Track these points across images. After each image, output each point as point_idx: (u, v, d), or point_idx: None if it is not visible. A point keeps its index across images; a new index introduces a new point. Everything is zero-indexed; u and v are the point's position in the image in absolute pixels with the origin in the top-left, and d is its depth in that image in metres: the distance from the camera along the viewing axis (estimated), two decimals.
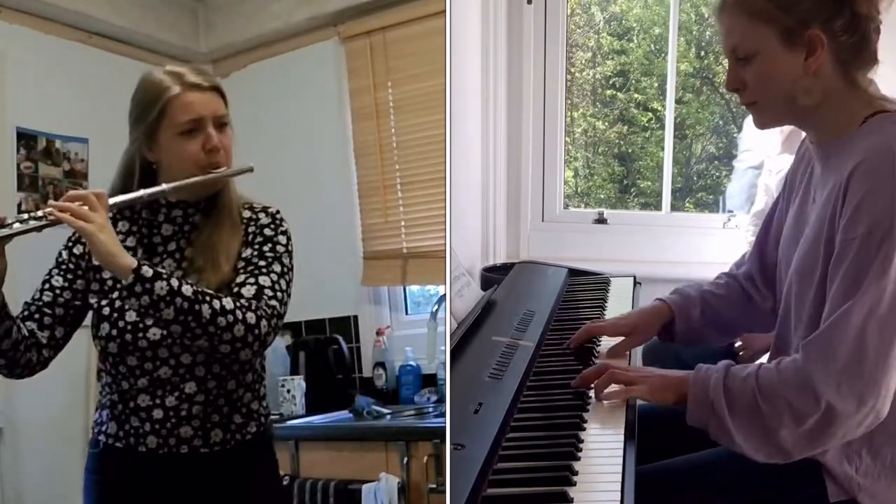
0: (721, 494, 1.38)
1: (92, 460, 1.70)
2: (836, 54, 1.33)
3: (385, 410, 3.05)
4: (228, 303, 1.53)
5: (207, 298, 1.51)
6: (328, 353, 3.43)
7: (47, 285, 1.69)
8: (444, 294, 2.47)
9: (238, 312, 1.53)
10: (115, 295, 1.64)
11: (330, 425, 3.02)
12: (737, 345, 2.21)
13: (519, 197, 3.46)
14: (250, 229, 1.68)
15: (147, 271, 1.48)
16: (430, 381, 3.26)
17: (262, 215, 1.70)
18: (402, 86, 3.45)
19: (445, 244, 1.92)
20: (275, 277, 1.62)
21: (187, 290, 1.50)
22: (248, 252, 1.65)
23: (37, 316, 1.66)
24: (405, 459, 2.65)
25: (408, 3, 3.39)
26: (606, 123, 4.39)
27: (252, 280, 1.60)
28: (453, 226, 2.46)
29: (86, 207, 1.49)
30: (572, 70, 4.01)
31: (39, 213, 1.50)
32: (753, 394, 1.26)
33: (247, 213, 1.70)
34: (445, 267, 1.75)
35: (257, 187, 1.79)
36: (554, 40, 3.48)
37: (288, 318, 1.67)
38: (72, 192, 1.52)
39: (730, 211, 3.51)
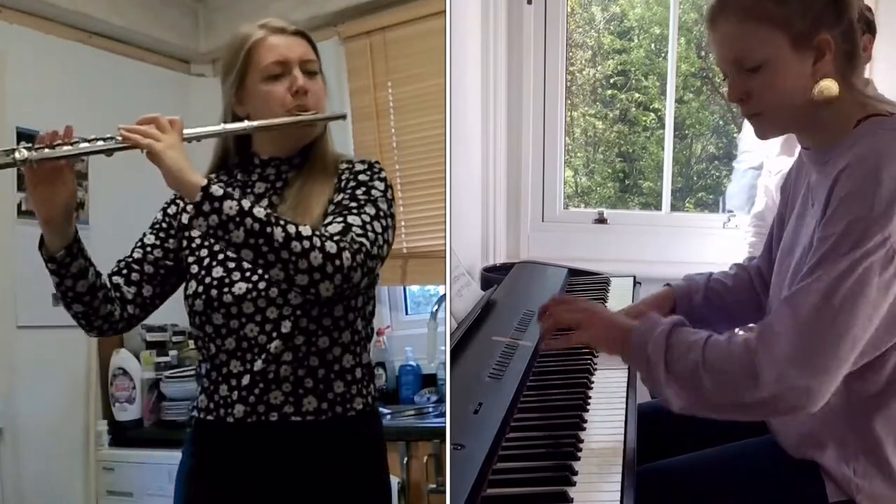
0: (721, 494, 1.38)
1: (188, 439, 1.62)
2: (836, 60, 1.32)
3: (385, 410, 3.05)
4: (306, 230, 1.42)
5: (282, 222, 1.41)
6: None
7: (139, 243, 1.65)
8: (444, 294, 2.47)
9: (316, 240, 1.41)
10: (203, 252, 1.59)
11: None
12: None
13: (519, 197, 3.45)
14: (344, 177, 1.59)
15: (217, 190, 1.40)
16: (430, 381, 3.26)
17: (357, 164, 1.61)
18: (402, 86, 3.45)
19: (445, 244, 1.92)
20: (367, 218, 1.50)
21: (259, 211, 1.40)
22: (339, 197, 1.55)
23: (125, 271, 1.62)
24: (405, 459, 2.65)
25: (408, 3, 3.39)
26: (606, 123, 4.39)
27: (340, 219, 1.49)
28: (453, 226, 2.46)
29: (155, 128, 1.44)
30: (572, 70, 4.01)
31: (107, 136, 1.44)
32: (696, 362, 1.25)
33: (343, 166, 1.62)
34: (445, 267, 1.75)
35: None
36: (554, 40, 3.47)
37: None
38: (144, 116, 1.47)
39: (730, 211, 3.50)
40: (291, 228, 1.41)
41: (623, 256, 3.34)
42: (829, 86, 1.31)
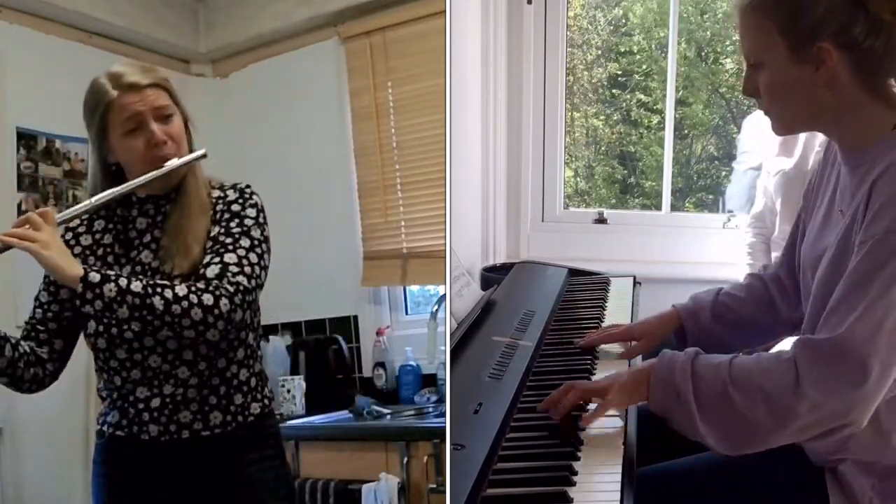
0: (721, 497, 1.38)
1: (98, 451, 1.73)
2: (857, 63, 1.28)
3: (385, 410, 3.05)
4: (182, 289, 1.55)
5: (158, 290, 1.53)
6: (328, 353, 3.43)
7: (37, 302, 1.73)
8: (444, 294, 2.47)
9: (193, 297, 1.54)
10: None
11: (330, 425, 3.02)
12: None
13: (519, 197, 3.45)
14: (218, 207, 1.70)
15: (94, 277, 1.51)
16: (430, 381, 3.26)
17: (230, 192, 1.72)
18: (402, 86, 3.45)
19: (445, 244, 1.92)
20: (242, 252, 1.62)
21: (136, 286, 1.52)
22: (215, 230, 1.66)
23: (32, 334, 1.70)
24: (405, 459, 2.65)
25: (408, 3, 3.39)
26: (607, 123, 4.39)
27: (217, 259, 1.61)
28: (453, 226, 2.46)
29: (30, 229, 1.53)
30: (573, 70, 4.01)
31: None
32: (724, 383, 1.21)
33: (216, 193, 1.72)
34: (445, 267, 1.75)
35: (257, 187, 1.78)
36: (554, 40, 3.47)
37: (288, 318, 1.67)
38: (20, 218, 1.57)
39: (730, 211, 3.50)
40: (168, 293, 1.53)
41: (623, 256, 3.34)
42: (827, 98, 1.29)
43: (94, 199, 1.64)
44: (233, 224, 1.66)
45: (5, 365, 1.60)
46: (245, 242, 1.64)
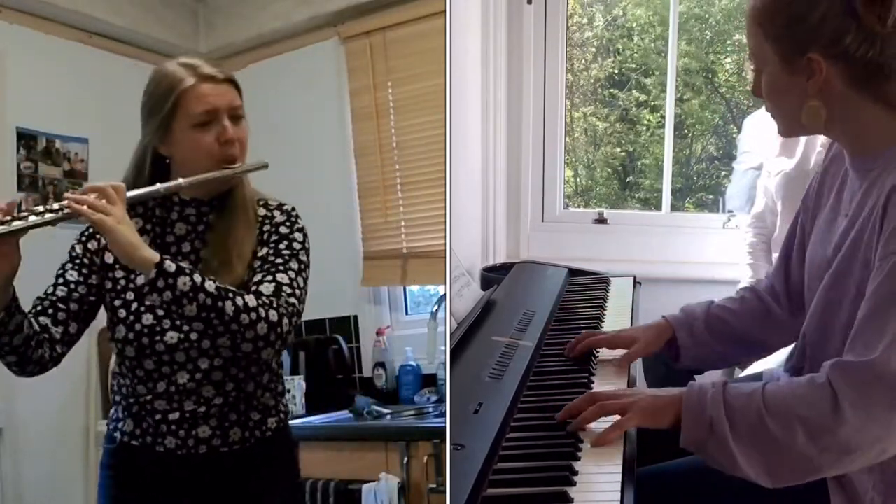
0: (721, 497, 1.38)
1: (107, 456, 1.68)
2: (851, 73, 1.27)
3: (385, 410, 3.05)
4: (251, 300, 1.50)
5: (230, 295, 1.48)
6: (328, 353, 3.43)
7: (61, 280, 1.63)
8: (444, 294, 2.47)
9: (261, 310, 1.50)
10: (130, 296, 1.61)
11: (330, 425, 3.02)
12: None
13: (519, 197, 3.46)
14: (265, 227, 1.65)
15: (170, 266, 1.44)
16: (430, 381, 3.26)
17: (276, 213, 1.68)
18: (402, 86, 3.45)
19: (445, 244, 1.92)
20: (292, 275, 1.59)
21: (210, 286, 1.47)
22: (263, 251, 1.62)
23: (51, 311, 1.61)
24: (405, 459, 2.65)
25: (408, 3, 3.39)
26: (607, 123, 4.39)
27: (270, 278, 1.57)
28: (453, 226, 2.46)
29: (104, 200, 1.45)
30: (572, 70, 4.01)
31: (56, 206, 1.45)
32: (759, 412, 1.18)
33: (262, 211, 1.67)
34: (445, 267, 1.75)
35: (256, 187, 1.78)
36: (554, 40, 3.47)
37: None
38: (89, 185, 1.48)
39: (730, 211, 3.50)
40: (240, 301, 1.49)
41: (623, 256, 3.34)
42: (814, 109, 1.29)
43: (162, 185, 1.57)
44: (282, 246, 1.62)
45: (20, 343, 1.53)
46: (294, 266, 1.61)
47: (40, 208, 1.46)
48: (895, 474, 1.28)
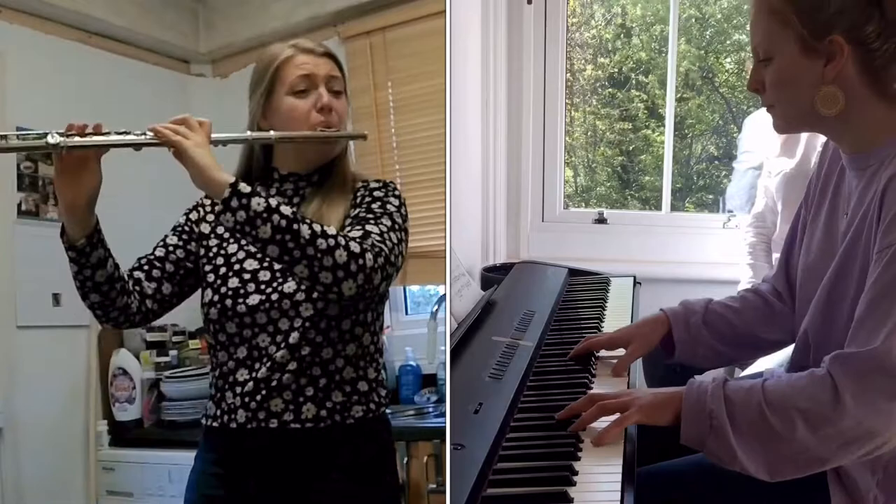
0: (722, 496, 1.38)
1: (199, 446, 1.67)
2: (865, 62, 1.27)
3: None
4: (331, 229, 1.45)
5: (307, 221, 1.44)
6: None
7: (162, 242, 1.68)
8: (444, 294, 2.47)
9: (341, 239, 1.44)
10: (220, 261, 1.63)
11: None
12: None
13: (519, 197, 3.46)
14: (359, 194, 1.63)
15: (244, 187, 1.42)
16: (430, 381, 3.26)
17: (373, 183, 1.65)
18: (402, 86, 3.45)
19: (445, 244, 1.92)
20: (384, 228, 1.53)
21: (286, 209, 1.43)
22: (355, 212, 1.59)
23: (146, 267, 1.64)
24: (405, 459, 2.65)
25: (408, 3, 3.39)
26: (607, 123, 4.38)
27: (359, 226, 1.53)
28: (453, 226, 2.46)
29: (185, 128, 1.47)
30: (572, 70, 4.01)
31: (139, 131, 1.47)
32: (759, 406, 1.18)
33: (360, 184, 1.65)
34: (445, 267, 1.74)
35: None
36: (554, 40, 3.48)
37: None
38: (176, 117, 1.49)
39: (730, 211, 3.50)
40: (317, 227, 1.43)
41: (623, 256, 3.35)
42: (831, 94, 1.28)
43: (253, 133, 1.59)
44: (375, 205, 1.58)
45: (103, 280, 1.53)
46: (387, 221, 1.55)
47: (123, 129, 1.48)
48: None
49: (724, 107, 4.29)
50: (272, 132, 1.60)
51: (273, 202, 1.42)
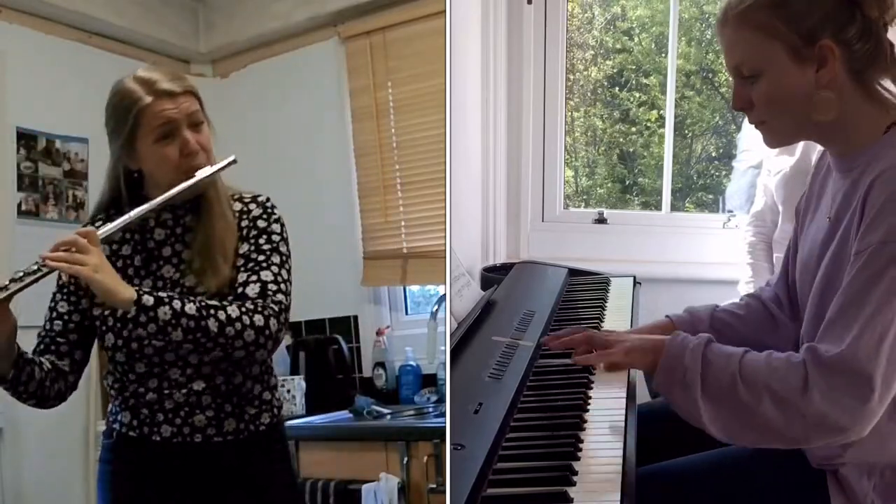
0: (722, 497, 1.38)
1: (106, 451, 1.72)
2: (851, 63, 1.28)
3: (385, 410, 3.05)
4: (234, 310, 1.55)
5: (212, 312, 1.53)
6: (328, 353, 3.43)
7: (55, 314, 1.70)
8: (444, 294, 2.47)
9: (245, 318, 1.55)
10: None
11: (330, 425, 3.02)
12: None
13: (519, 197, 3.46)
14: (243, 223, 1.68)
15: (148, 300, 1.50)
16: (430, 381, 3.26)
17: (252, 206, 1.70)
18: (402, 86, 3.45)
19: (445, 244, 1.92)
20: (276, 269, 1.63)
21: (191, 308, 1.52)
22: (244, 248, 1.65)
23: (52, 347, 1.68)
24: (405, 459, 2.65)
25: (408, 3, 3.39)
26: (607, 123, 4.38)
27: (254, 278, 1.62)
28: (453, 226, 2.45)
29: (76, 252, 1.49)
30: (572, 70, 4.01)
31: (34, 267, 1.50)
32: (733, 376, 1.21)
33: (237, 206, 1.70)
34: (445, 267, 1.75)
35: (257, 188, 1.79)
36: (554, 40, 3.47)
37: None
38: (60, 240, 1.52)
39: (730, 211, 3.50)
40: (222, 315, 1.54)
41: (623, 256, 3.34)
42: (827, 99, 1.28)
43: (132, 212, 1.59)
44: (262, 241, 1.66)
45: (36, 388, 1.61)
46: (276, 259, 1.65)
47: (20, 273, 1.51)
48: (894, 476, 1.29)
49: (724, 107, 4.29)
50: (152, 202, 1.60)
51: (177, 306, 1.51)
